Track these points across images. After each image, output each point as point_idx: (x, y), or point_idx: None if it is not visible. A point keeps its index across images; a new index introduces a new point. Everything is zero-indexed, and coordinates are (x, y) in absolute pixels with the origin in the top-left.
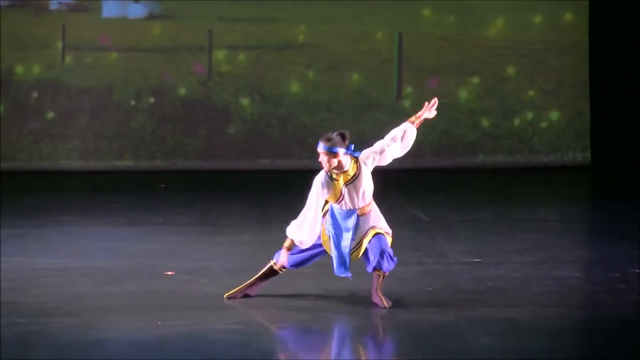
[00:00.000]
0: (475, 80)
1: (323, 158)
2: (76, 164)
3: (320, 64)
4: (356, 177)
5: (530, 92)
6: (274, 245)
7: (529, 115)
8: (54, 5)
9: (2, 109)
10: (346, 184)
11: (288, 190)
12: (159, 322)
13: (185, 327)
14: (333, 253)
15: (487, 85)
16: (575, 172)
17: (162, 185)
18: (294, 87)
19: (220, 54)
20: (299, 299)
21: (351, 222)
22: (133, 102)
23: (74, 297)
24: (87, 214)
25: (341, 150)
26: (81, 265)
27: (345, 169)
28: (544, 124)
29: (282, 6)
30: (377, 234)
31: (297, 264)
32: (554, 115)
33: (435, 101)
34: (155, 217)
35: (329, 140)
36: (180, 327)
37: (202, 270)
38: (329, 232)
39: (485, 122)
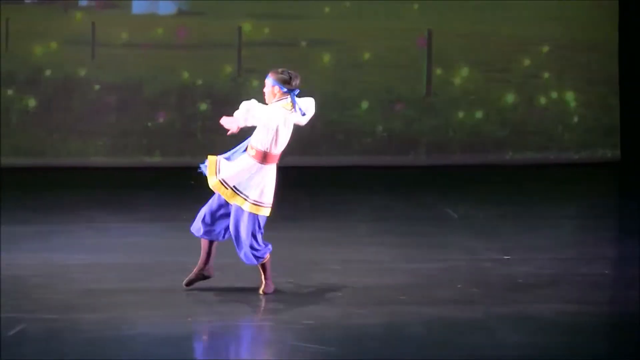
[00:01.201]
0: (505, 76)
1: (267, 89)
2: (105, 160)
3: (349, 60)
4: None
5: (560, 89)
6: (301, 241)
7: (559, 111)
8: (83, 2)
9: (32, 104)
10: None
11: (316, 187)
12: (189, 318)
13: (214, 323)
14: None
15: (516, 82)
16: (605, 169)
17: (192, 182)
18: (323, 83)
19: (249, 51)
20: (326, 294)
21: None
22: (162, 99)
23: (102, 293)
24: (116, 210)
25: (283, 88)
26: (110, 261)
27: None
28: (573, 121)
29: (311, 3)
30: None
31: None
32: (584, 112)
33: None
34: (183, 213)
35: (277, 73)
36: (208, 323)
37: (230, 267)
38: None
39: (514, 119)
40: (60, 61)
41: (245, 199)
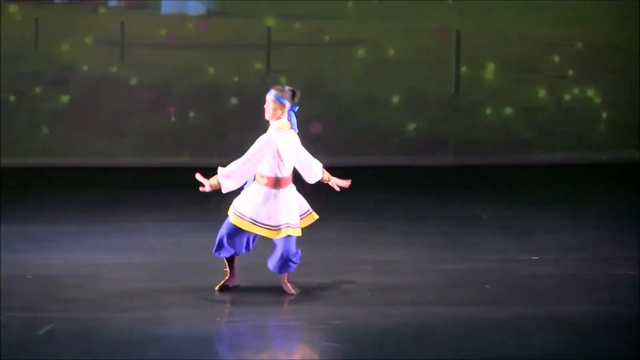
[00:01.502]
0: (532, 77)
1: (269, 105)
2: (134, 160)
3: (378, 61)
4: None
5: (587, 90)
6: (332, 241)
7: (586, 112)
8: (112, 2)
9: (62, 103)
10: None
11: (345, 189)
12: (217, 318)
13: (245, 323)
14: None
15: (544, 83)
16: (632, 170)
17: None
18: (352, 83)
19: (277, 50)
20: (355, 294)
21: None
22: (191, 98)
23: (133, 293)
24: (146, 210)
25: (287, 104)
26: (140, 261)
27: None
28: (600, 122)
29: (339, 3)
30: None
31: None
32: (611, 112)
33: (348, 183)
34: (214, 213)
35: (281, 90)
36: (239, 323)
37: (260, 267)
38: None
39: (542, 120)
40: (89, 61)
41: (269, 228)
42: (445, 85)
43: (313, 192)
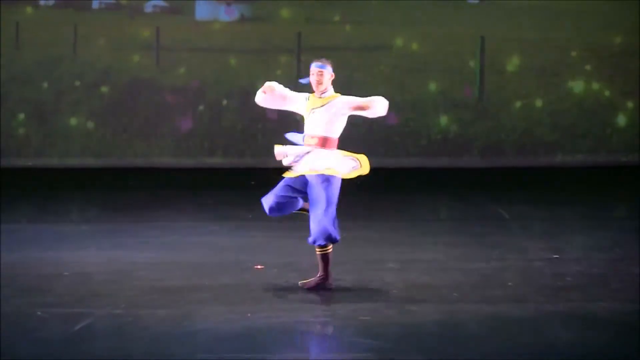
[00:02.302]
0: (555, 81)
1: (317, 77)
2: (169, 160)
3: (405, 65)
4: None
5: (608, 92)
6: (359, 240)
7: (608, 115)
8: (148, 8)
9: (100, 106)
10: (314, 109)
11: (372, 189)
12: (248, 314)
13: (275, 319)
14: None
15: (566, 87)
16: None
17: (252, 182)
18: (380, 87)
19: (308, 55)
20: (382, 293)
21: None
22: (224, 102)
23: (167, 290)
24: (179, 209)
25: (329, 69)
26: (174, 259)
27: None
28: (622, 124)
29: (368, 9)
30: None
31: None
32: (632, 115)
33: None
34: (245, 212)
35: (330, 61)
36: (270, 320)
37: (290, 265)
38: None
39: (565, 122)
40: (126, 65)
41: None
42: (470, 89)
43: (343, 195)
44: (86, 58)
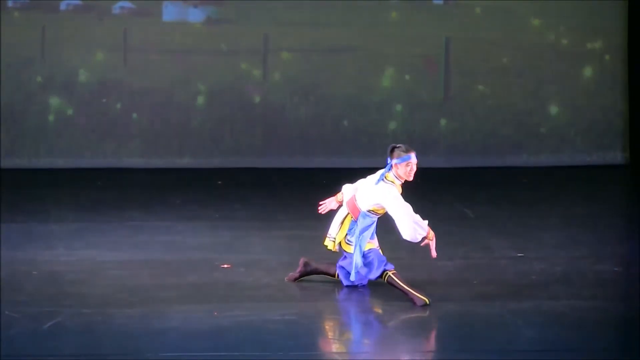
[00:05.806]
0: (520, 81)
1: (416, 167)
2: (138, 161)
3: (370, 67)
4: None
5: (572, 93)
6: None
7: (572, 115)
8: (116, 10)
9: (69, 108)
10: None
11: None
12: (215, 313)
13: (243, 318)
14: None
15: (531, 88)
16: (616, 171)
17: (219, 182)
18: (346, 88)
19: (275, 57)
20: (348, 292)
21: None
22: (192, 103)
23: (135, 289)
24: (149, 209)
25: None
26: (143, 258)
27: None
28: (585, 124)
29: (334, 10)
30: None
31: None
32: (596, 115)
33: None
34: (213, 212)
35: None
36: (237, 318)
37: (258, 263)
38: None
39: (529, 123)
40: (94, 67)
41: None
42: (435, 90)
43: (314, 195)
44: (54, 60)
